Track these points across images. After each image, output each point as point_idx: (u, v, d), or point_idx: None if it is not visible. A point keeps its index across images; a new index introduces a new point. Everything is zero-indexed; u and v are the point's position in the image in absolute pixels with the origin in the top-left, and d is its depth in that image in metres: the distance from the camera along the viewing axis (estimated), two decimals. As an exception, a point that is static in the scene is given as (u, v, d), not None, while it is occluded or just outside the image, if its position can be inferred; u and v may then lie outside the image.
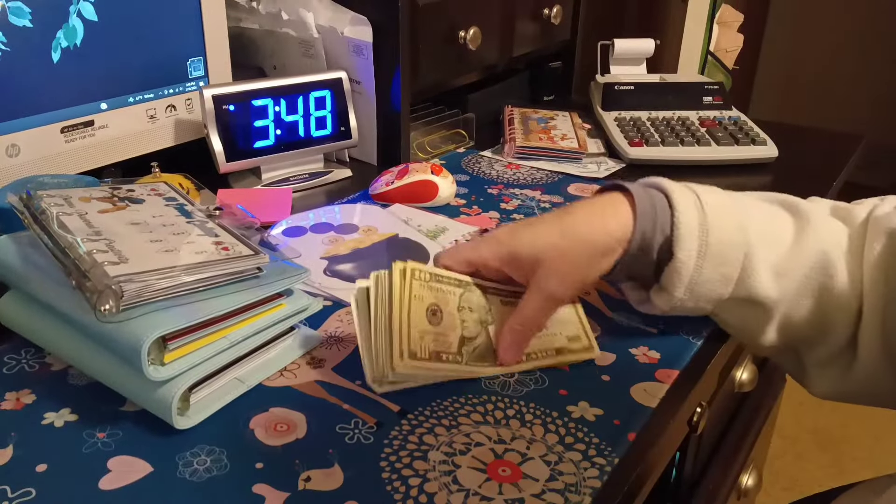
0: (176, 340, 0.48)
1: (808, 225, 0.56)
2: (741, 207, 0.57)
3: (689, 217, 0.55)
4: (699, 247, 0.54)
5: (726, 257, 0.55)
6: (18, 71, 0.69)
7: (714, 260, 0.55)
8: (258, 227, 0.60)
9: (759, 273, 0.55)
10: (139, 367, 0.46)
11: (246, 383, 0.53)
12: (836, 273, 0.54)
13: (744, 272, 0.55)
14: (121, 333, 0.47)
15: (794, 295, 0.55)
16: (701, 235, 0.54)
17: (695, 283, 0.55)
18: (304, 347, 0.57)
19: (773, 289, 0.55)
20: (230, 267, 0.52)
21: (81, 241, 0.50)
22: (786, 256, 0.55)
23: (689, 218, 0.55)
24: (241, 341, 0.51)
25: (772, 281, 0.55)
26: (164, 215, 0.58)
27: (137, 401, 0.50)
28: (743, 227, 0.55)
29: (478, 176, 0.93)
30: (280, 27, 0.94)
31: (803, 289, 0.55)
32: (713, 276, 0.55)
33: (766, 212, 0.58)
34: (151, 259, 0.50)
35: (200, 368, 0.49)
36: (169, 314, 0.48)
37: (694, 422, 0.58)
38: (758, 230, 0.55)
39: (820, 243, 0.55)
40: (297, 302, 0.55)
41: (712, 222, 0.55)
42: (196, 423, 0.49)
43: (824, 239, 0.55)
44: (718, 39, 1.72)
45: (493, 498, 0.44)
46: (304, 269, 0.56)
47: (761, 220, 0.57)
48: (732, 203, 0.57)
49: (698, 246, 0.54)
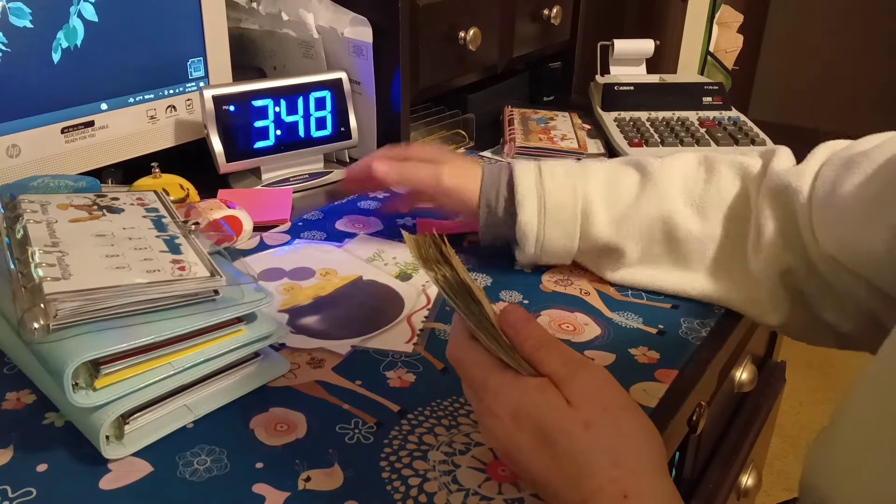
0: (110, 365, 0.45)
1: (649, 182, 0.66)
2: (580, 171, 0.68)
3: (526, 181, 0.66)
4: (538, 208, 0.66)
5: (564, 215, 0.66)
6: (19, 71, 0.69)
7: (554, 218, 0.66)
8: (234, 243, 0.57)
9: (598, 224, 0.65)
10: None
11: (194, 412, 0.49)
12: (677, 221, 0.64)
13: (584, 226, 0.66)
14: (51, 354, 0.44)
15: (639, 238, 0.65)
16: (539, 198, 0.66)
17: (542, 241, 0.67)
18: (268, 376, 0.53)
19: (614, 233, 0.65)
20: (179, 289, 0.48)
21: (37, 251, 0.48)
22: (625, 207, 0.65)
23: (526, 181, 0.66)
24: (187, 368, 0.48)
25: (612, 227, 0.65)
26: (135, 227, 0.55)
27: (76, 424, 0.48)
28: (579, 187, 0.66)
29: (478, 176, 0.93)
30: (280, 28, 0.94)
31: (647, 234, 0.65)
32: (556, 233, 0.66)
33: (611, 172, 0.68)
34: (97, 276, 0.47)
35: (137, 395, 0.46)
36: (104, 336, 0.44)
37: (693, 422, 0.58)
38: (597, 189, 0.66)
39: (658, 196, 0.65)
40: (260, 328, 0.51)
41: (548, 186, 0.66)
42: (131, 452, 0.46)
43: (664, 192, 0.65)
44: (718, 40, 1.73)
45: (492, 498, 0.44)
46: (267, 294, 0.52)
47: (603, 180, 0.67)
48: (572, 168, 0.68)
49: (538, 207, 0.66)
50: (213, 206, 0.71)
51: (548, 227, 0.66)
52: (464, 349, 0.44)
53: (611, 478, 0.38)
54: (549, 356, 0.42)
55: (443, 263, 0.43)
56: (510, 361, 0.42)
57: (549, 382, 0.41)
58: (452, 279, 0.43)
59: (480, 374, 0.43)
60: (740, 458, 0.90)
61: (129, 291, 0.46)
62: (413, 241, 0.45)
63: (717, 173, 0.65)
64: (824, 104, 2.84)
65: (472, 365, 0.44)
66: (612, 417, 0.40)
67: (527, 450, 0.40)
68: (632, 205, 0.66)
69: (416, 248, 0.45)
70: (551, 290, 0.67)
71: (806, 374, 2.09)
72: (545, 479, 0.40)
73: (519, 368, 0.42)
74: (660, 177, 0.66)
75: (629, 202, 0.66)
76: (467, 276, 0.43)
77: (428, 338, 0.60)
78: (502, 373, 0.43)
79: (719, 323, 0.63)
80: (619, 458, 0.39)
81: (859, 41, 2.76)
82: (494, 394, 0.42)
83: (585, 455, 0.39)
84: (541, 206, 0.66)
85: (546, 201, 0.66)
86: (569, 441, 0.39)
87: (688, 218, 0.64)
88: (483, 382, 0.43)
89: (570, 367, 0.42)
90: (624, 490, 0.38)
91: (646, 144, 0.96)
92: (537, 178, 0.67)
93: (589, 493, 0.38)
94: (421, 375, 0.55)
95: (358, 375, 0.55)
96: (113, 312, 0.46)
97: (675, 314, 0.64)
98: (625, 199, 0.66)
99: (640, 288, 0.67)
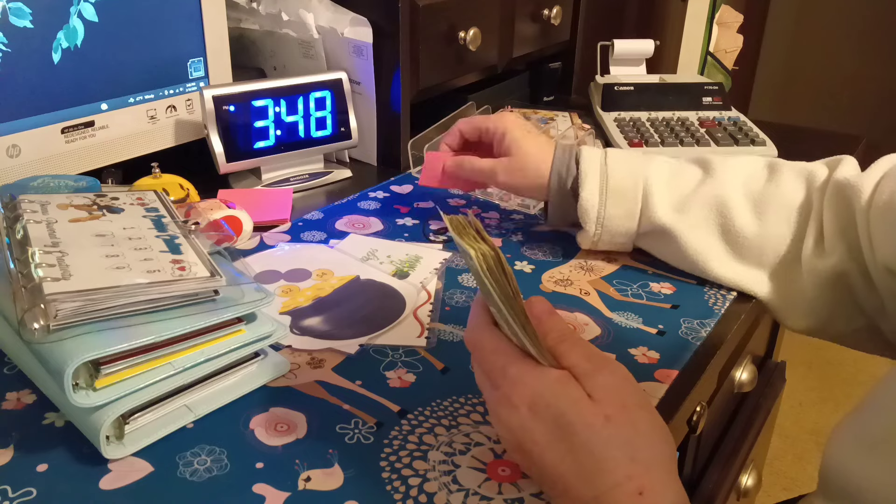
0: (110, 365, 0.44)
1: (710, 175, 0.68)
2: (645, 160, 0.70)
3: (591, 162, 0.69)
4: (600, 186, 0.68)
5: (626, 196, 0.68)
6: (19, 71, 0.69)
7: (615, 197, 0.68)
8: (234, 244, 0.56)
9: (657, 207, 0.67)
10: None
11: (194, 412, 0.49)
12: (733, 214, 0.65)
13: (644, 208, 0.68)
14: (51, 354, 0.44)
15: (696, 226, 0.66)
16: (602, 177, 0.68)
17: (603, 218, 0.68)
18: (268, 376, 0.53)
19: (673, 218, 0.67)
20: (179, 289, 0.48)
21: (37, 251, 0.48)
22: (685, 195, 0.67)
23: (591, 163, 0.69)
24: (187, 368, 0.48)
25: (671, 212, 0.67)
26: (135, 227, 0.55)
27: (76, 424, 0.48)
28: (640, 172, 0.68)
29: (478, 176, 0.93)
30: (280, 28, 0.94)
31: (704, 222, 0.66)
32: (617, 212, 0.68)
33: (675, 163, 0.70)
34: (97, 277, 0.47)
35: (137, 396, 0.45)
36: (104, 337, 0.44)
37: (693, 422, 0.58)
38: (659, 176, 0.68)
39: (718, 188, 0.66)
40: (260, 328, 0.51)
41: (612, 166, 0.69)
42: (131, 452, 0.46)
43: (724, 185, 0.66)
44: (718, 40, 1.73)
45: (492, 498, 0.44)
46: (268, 294, 0.52)
47: (665, 170, 0.69)
48: (637, 156, 0.70)
49: (599, 185, 0.68)
50: (213, 206, 0.70)
51: (609, 206, 0.68)
52: (484, 335, 0.44)
53: (628, 474, 0.38)
54: (572, 350, 0.42)
55: (480, 242, 0.43)
56: (533, 350, 0.42)
57: (569, 375, 0.41)
58: (490, 257, 0.42)
59: (500, 361, 0.43)
60: (740, 458, 0.90)
61: (129, 291, 0.46)
62: (452, 220, 0.45)
63: (781, 175, 0.66)
64: (824, 104, 2.84)
65: (492, 351, 0.43)
66: (630, 415, 0.40)
67: (542, 441, 0.40)
68: (691, 194, 0.67)
69: (456, 227, 0.44)
70: (551, 290, 0.67)
71: (805, 374, 2.09)
72: (558, 472, 0.40)
73: (541, 358, 0.42)
74: (722, 171, 0.68)
75: (689, 191, 0.67)
76: (503, 256, 0.42)
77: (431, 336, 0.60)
78: (523, 361, 0.42)
79: (719, 323, 0.63)
80: (636, 454, 0.39)
81: (859, 41, 2.76)
82: (513, 382, 0.42)
83: (604, 449, 0.39)
84: (602, 185, 0.68)
85: (609, 181, 0.68)
86: (589, 434, 0.39)
87: (744, 212, 0.65)
88: (502, 370, 0.43)
89: (592, 362, 0.42)
90: (640, 487, 0.38)
91: (646, 144, 0.96)
92: (602, 160, 0.69)
93: (604, 489, 0.38)
94: (421, 375, 0.55)
95: (358, 375, 0.55)
96: (113, 313, 0.46)
97: (675, 314, 0.64)
98: (685, 187, 0.68)
99: (693, 273, 0.69)
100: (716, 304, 0.66)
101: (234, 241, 0.72)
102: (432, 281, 0.68)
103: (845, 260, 0.60)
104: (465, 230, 0.44)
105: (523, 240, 0.77)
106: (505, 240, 0.77)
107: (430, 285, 0.67)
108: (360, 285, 0.67)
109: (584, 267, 0.71)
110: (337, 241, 0.75)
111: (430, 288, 0.67)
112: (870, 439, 0.41)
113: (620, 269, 0.72)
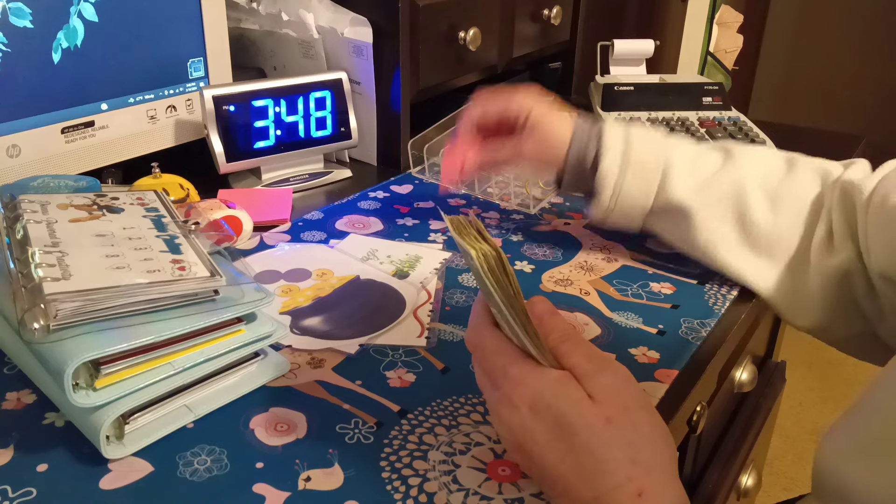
0: (110, 365, 0.45)
1: (731, 162, 0.67)
2: (667, 139, 0.70)
3: (614, 135, 0.69)
4: (622, 159, 0.68)
5: (645, 169, 0.67)
6: (19, 71, 0.69)
7: (634, 170, 0.67)
8: (234, 243, 0.56)
9: (675, 184, 0.67)
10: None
11: (194, 412, 0.49)
12: (749, 203, 0.65)
13: (662, 184, 0.67)
14: (51, 354, 0.44)
15: (712, 210, 0.66)
16: (624, 150, 0.68)
17: (619, 192, 0.68)
18: (268, 376, 0.53)
19: (689, 198, 0.66)
20: (178, 289, 0.48)
21: (37, 251, 0.48)
22: (704, 178, 0.67)
23: (614, 136, 0.69)
24: (187, 368, 0.48)
25: (689, 191, 0.66)
26: (135, 227, 0.55)
27: (76, 424, 0.48)
28: (662, 150, 0.68)
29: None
30: (280, 28, 0.94)
31: (720, 207, 0.66)
32: (633, 185, 0.68)
33: (696, 148, 0.70)
34: (97, 277, 0.47)
35: (137, 396, 0.46)
36: (104, 336, 0.44)
37: (693, 422, 0.58)
38: (680, 157, 0.68)
39: (737, 176, 0.66)
40: (260, 328, 0.51)
41: (634, 142, 0.68)
42: (131, 452, 0.46)
43: (744, 174, 0.66)
44: (718, 40, 1.73)
45: (492, 498, 0.44)
46: (268, 294, 0.52)
47: (687, 151, 0.69)
48: (660, 134, 0.70)
49: (621, 158, 0.68)
50: (213, 206, 0.70)
51: (627, 180, 0.68)
52: (485, 335, 0.44)
53: (628, 475, 0.38)
54: (574, 350, 0.42)
55: (482, 242, 0.43)
56: (534, 350, 0.42)
57: (570, 376, 0.41)
58: (492, 257, 0.42)
59: (501, 361, 0.43)
60: (740, 458, 0.90)
61: (129, 291, 0.46)
62: (452, 220, 0.44)
63: (798, 170, 0.66)
64: (824, 104, 2.84)
65: (493, 352, 0.43)
66: (631, 416, 0.40)
67: (542, 442, 0.40)
68: (709, 178, 0.67)
69: (456, 227, 0.44)
70: (551, 290, 0.67)
71: (805, 374, 2.09)
72: (558, 473, 0.40)
73: (542, 358, 0.42)
74: (743, 160, 0.67)
75: (707, 175, 0.67)
76: (504, 256, 0.42)
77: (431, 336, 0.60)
78: (524, 362, 0.42)
79: (719, 323, 0.63)
80: (637, 456, 0.39)
81: (859, 41, 2.76)
82: (514, 382, 0.42)
83: (605, 450, 0.39)
84: (625, 158, 0.68)
85: (630, 155, 0.68)
86: (589, 435, 0.39)
87: (761, 203, 0.65)
88: (503, 370, 0.42)
89: (594, 362, 0.42)
90: (640, 488, 0.38)
91: (646, 144, 0.96)
92: (625, 133, 0.69)
93: (604, 490, 0.38)
94: (421, 375, 0.55)
95: (358, 375, 0.55)
96: (113, 312, 0.46)
97: (675, 314, 0.64)
98: (706, 170, 0.67)
99: (698, 258, 0.68)
100: (716, 304, 0.66)
101: (234, 241, 0.72)
102: (432, 281, 0.68)
103: (853, 259, 0.60)
104: (466, 230, 0.44)
105: (523, 240, 0.77)
106: (505, 240, 0.77)
107: (430, 285, 0.67)
108: (360, 285, 0.67)
109: (584, 267, 0.71)
110: (337, 240, 0.75)
111: (430, 288, 0.67)
112: (863, 441, 0.41)
113: (620, 268, 0.72)
